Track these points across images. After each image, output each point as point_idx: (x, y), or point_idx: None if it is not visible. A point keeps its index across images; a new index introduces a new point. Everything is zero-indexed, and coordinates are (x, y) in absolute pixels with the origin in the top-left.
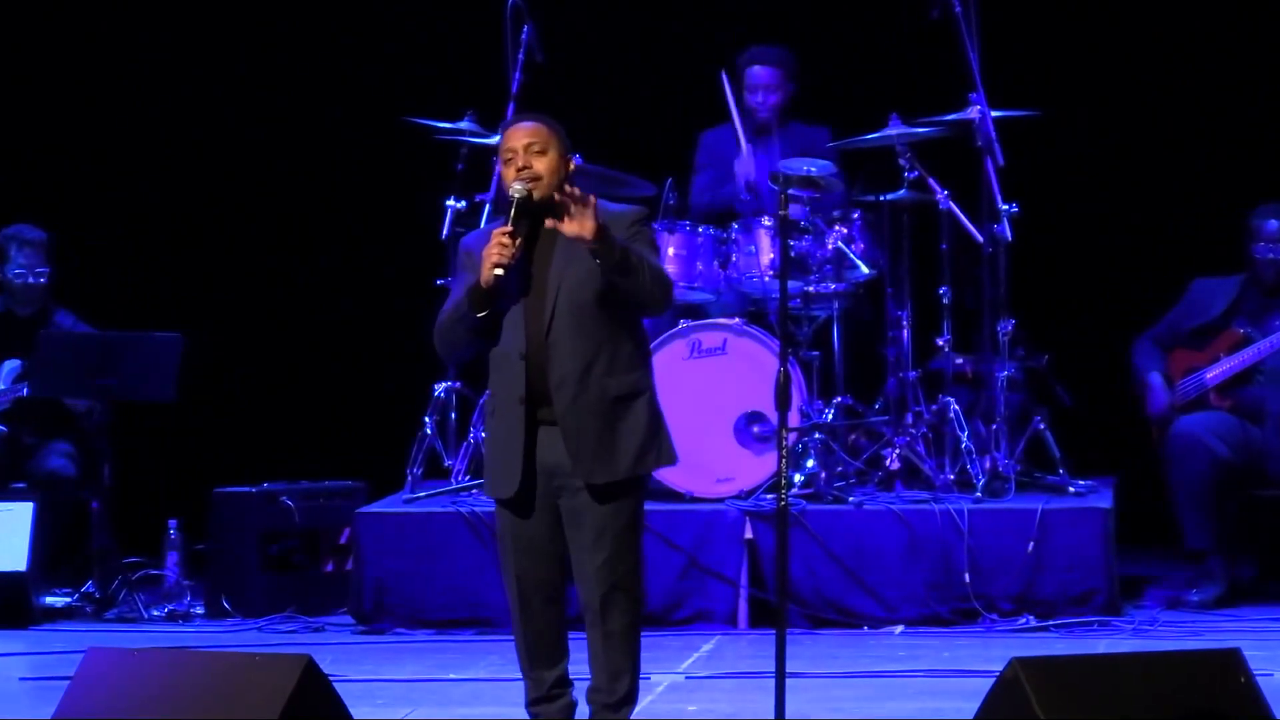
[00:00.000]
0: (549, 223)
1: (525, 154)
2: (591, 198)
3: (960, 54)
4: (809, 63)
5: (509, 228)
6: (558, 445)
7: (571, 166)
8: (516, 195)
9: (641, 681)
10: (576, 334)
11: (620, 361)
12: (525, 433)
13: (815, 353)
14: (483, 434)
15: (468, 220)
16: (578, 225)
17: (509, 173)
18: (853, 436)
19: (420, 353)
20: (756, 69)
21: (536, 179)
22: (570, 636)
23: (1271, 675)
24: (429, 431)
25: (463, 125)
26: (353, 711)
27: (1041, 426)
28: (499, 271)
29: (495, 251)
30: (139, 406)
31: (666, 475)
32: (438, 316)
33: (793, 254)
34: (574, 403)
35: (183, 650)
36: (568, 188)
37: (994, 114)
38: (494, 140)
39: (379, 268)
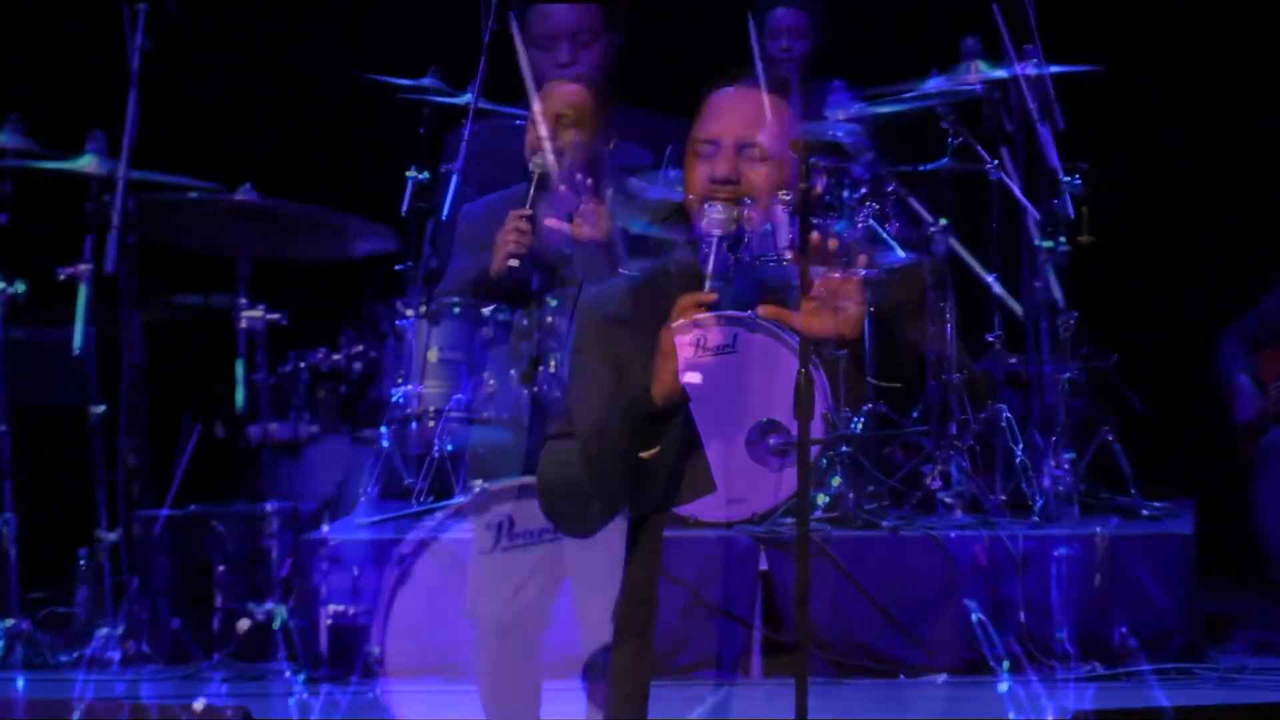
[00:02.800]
0: (548, 223)
1: (557, 123)
2: (601, 195)
3: None
4: (835, 9)
5: (527, 210)
6: (567, 463)
7: (612, 144)
8: (536, 171)
9: None
10: (601, 340)
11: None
12: (526, 449)
13: (842, 351)
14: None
15: (430, 194)
16: (588, 228)
17: (535, 136)
18: (886, 450)
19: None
20: (781, 11)
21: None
22: (561, 687)
23: None
24: (385, 444)
25: (425, 83)
26: None
27: (1109, 438)
28: (514, 263)
29: (511, 239)
30: (45, 412)
31: None
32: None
33: (816, 234)
34: (599, 421)
35: (98, 701)
36: (579, 176)
37: (1052, 70)
38: (463, 100)
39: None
